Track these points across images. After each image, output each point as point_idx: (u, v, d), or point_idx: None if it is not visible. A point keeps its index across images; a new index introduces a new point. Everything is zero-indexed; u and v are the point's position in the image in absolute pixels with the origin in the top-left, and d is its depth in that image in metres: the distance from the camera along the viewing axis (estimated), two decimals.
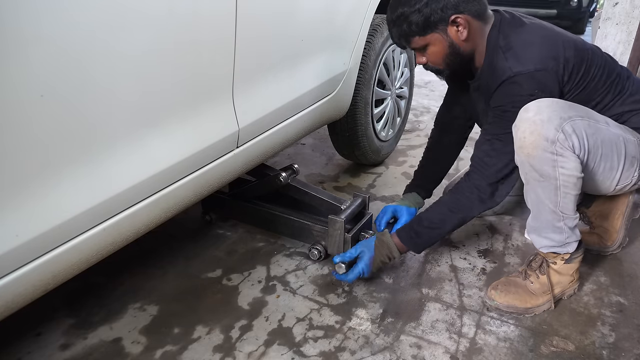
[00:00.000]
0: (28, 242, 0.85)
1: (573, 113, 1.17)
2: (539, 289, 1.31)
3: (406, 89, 2.31)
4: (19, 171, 0.83)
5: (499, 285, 1.34)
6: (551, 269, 1.32)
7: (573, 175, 1.17)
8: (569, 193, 1.19)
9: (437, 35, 1.25)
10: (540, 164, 1.17)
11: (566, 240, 1.27)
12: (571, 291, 1.37)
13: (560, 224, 1.24)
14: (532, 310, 1.30)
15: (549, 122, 1.14)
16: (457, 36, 1.25)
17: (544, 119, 1.14)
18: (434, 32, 1.24)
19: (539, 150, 1.15)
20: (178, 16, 1.03)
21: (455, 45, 1.26)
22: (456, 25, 1.23)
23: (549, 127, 1.13)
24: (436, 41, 1.26)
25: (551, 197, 1.20)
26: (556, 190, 1.19)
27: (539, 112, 1.15)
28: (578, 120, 1.17)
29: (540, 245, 1.30)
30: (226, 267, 1.51)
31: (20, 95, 0.79)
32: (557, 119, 1.14)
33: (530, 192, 1.25)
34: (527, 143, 1.16)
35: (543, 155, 1.15)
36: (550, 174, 1.17)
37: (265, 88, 1.38)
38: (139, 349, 1.19)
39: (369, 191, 2.03)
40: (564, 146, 1.14)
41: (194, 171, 1.19)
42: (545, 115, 1.14)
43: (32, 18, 0.77)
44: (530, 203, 1.27)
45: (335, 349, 1.20)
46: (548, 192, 1.20)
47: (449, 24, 1.23)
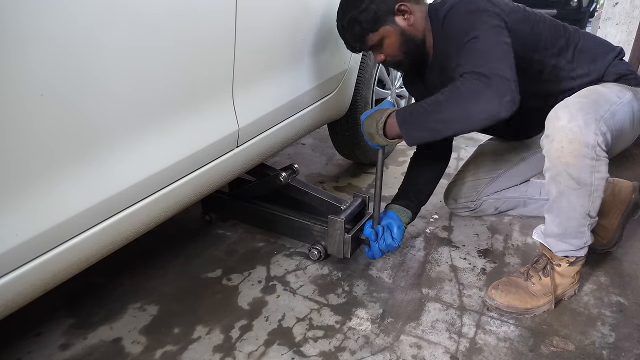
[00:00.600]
0: (28, 242, 0.85)
1: (602, 110, 1.15)
2: (540, 290, 1.31)
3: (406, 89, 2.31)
4: (18, 170, 0.83)
5: (499, 285, 1.34)
6: (555, 271, 1.31)
7: (604, 177, 1.16)
8: (599, 196, 1.19)
9: (388, 27, 1.31)
10: (579, 172, 1.14)
11: (584, 244, 1.27)
12: (571, 292, 1.37)
13: (584, 228, 1.24)
14: (532, 311, 1.30)
15: (587, 126, 1.11)
16: (406, 23, 1.32)
17: (581, 124, 1.11)
18: (384, 24, 1.31)
19: (579, 158, 1.12)
20: (178, 15, 1.03)
21: (406, 31, 1.33)
22: (402, 13, 1.31)
23: (587, 132, 1.11)
24: (388, 33, 1.32)
25: (585, 203, 1.19)
26: (590, 196, 1.18)
27: (573, 118, 1.12)
28: (607, 115, 1.16)
29: (558, 250, 1.29)
30: (226, 267, 1.51)
31: (20, 94, 0.79)
32: (593, 122, 1.11)
33: (562, 200, 1.21)
34: (566, 152, 1.13)
35: (583, 162, 1.13)
36: (587, 180, 1.15)
37: (265, 87, 1.38)
38: (139, 349, 1.19)
39: (369, 191, 2.03)
40: (602, 148, 1.13)
41: (193, 170, 1.19)
42: (581, 120, 1.11)
43: (32, 17, 0.77)
44: (558, 211, 1.24)
45: (335, 349, 1.20)
46: (582, 198, 1.19)
47: (395, 14, 1.31)
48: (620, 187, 1.52)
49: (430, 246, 1.62)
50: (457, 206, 1.79)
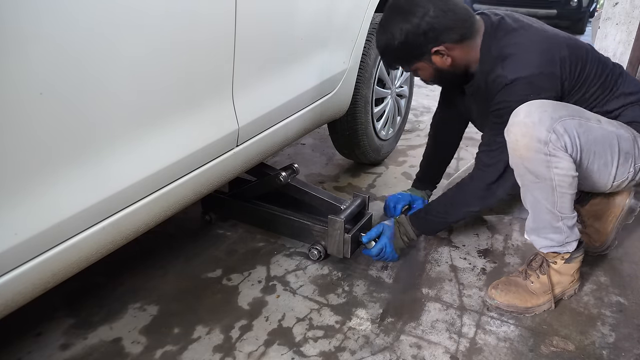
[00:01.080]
0: (27, 241, 0.85)
1: (563, 112, 1.18)
2: (540, 289, 1.31)
3: (406, 88, 2.31)
4: (18, 169, 0.83)
5: (499, 284, 1.34)
6: (551, 269, 1.31)
7: (568, 174, 1.17)
8: (565, 193, 1.20)
9: (422, 64, 1.31)
10: (534, 165, 1.18)
11: (566, 239, 1.27)
12: (572, 291, 1.37)
13: (559, 223, 1.25)
14: (532, 310, 1.30)
15: (540, 123, 1.15)
16: (442, 62, 1.29)
17: (535, 120, 1.15)
18: (418, 62, 1.31)
19: (532, 152, 1.16)
20: (177, 14, 1.03)
21: (441, 69, 1.31)
22: (439, 54, 1.27)
23: (540, 128, 1.14)
24: (423, 67, 1.33)
25: (548, 197, 1.21)
26: (553, 191, 1.20)
27: (529, 114, 1.16)
28: (568, 119, 1.17)
29: (541, 246, 1.30)
30: (226, 267, 1.51)
31: (19, 93, 0.79)
32: (548, 120, 1.15)
33: (527, 194, 1.25)
34: (520, 145, 1.17)
35: (536, 156, 1.16)
36: (545, 174, 1.18)
37: (265, 86, 1.38)
38: (139, 349, 1.19)
39: (369, 191, 2.03)
40: (556, 146, 1.15)
41: (193, 170, 1.19)
42: (535, 116, 1.15)
43: (32, 16, 0.77)
44: (528, 204, 1.28)
45: (335, 349, 1.20)
46: (545, 192, 1.21)
47: (432, 54, 1.27)
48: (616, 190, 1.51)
49: (430, 246, 1.62)
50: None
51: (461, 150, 2.43)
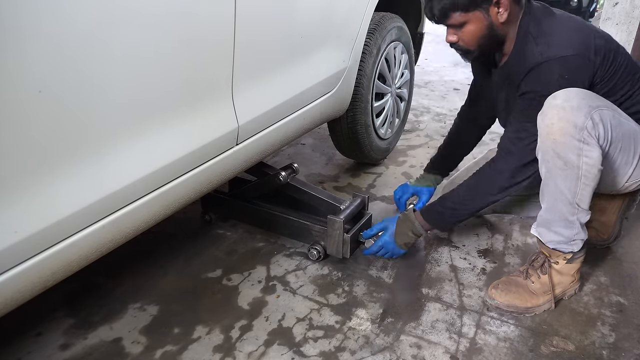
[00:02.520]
0: (27, 239, 0.85)
1: (600, 103, 1.18)
2: (540, 289, 1.31)
3: (406, 91, 2.31)
4: (17, 167, 0.83)
5: (499, 284, 1.34)
6: (553, 269, 1.31)
7: (595, 165, 1.17)
8: (588, 185, 1.19)
9: (479, 14, 1.24)
10: (565, 151, 1.16)
11: (574, 236, 1.26)
12: (572, 291, 1.37)
13: (573, 217, 1.24)
14: (532, 310, 1.30)
15: (578, 109, 1.14)
16: (497, 18, 1.25)
17: (574, 105, 1.15)
18: (476, 9, 1.24)
19: (566, 137, 1.15)
20: (177, 13, 1.04)
21: (494, 26, 1.26)
22: (498, 6, 1.24)
23: (578, 114, 1.14)
24: (476, 20, 1.25)
25: (571, 187, 1.20)
26: (577, 181, 1.19)
27: (568, 99, 1.16)
28: (605, 110, 1.18)
29: (548, 240, 1.30)
30: (226, 267, 1.51)
31: (19, 92, 0.79)
32: (586, 107, 1.15)
33: (550, 182, 1.23)
34: (555, 129, 1.16)
35: (570, 142, 1.15)
36: (575, 162, 1.17)
37: (265, 85, 1.38)
38: (139, 349, 1.19)
39: (369, 191, 2.03)
40: (591, 134, 1.14)
41: (193, 168, 1.19)
42: (575, 102, 1.15)
43: (31, 14, 0.77)
44: (547, 194, 1.26)
45: (335, 349, 1.20)
46: (569, 182, 1.19)
47: (492, 4, 1.23)
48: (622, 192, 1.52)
49: (430, 246, 1.62)
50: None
51: None
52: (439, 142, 2.54)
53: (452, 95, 3.42)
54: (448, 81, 3.79)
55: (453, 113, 3.02)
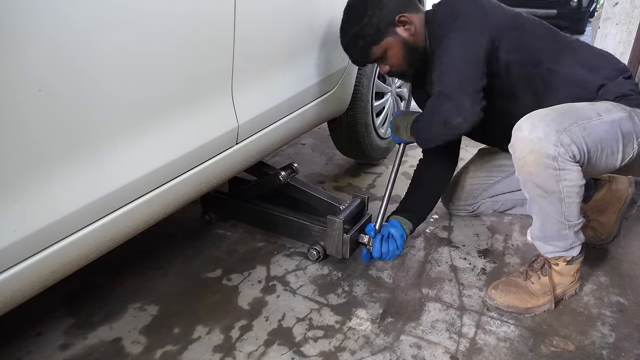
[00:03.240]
0: (26, 238, 0.85)
1: (567, 122, 1.15)
2: (540, 290, 1.31)
3: (406, 90, 2.31)
4: (17, 166, 0.83)
5: (499, 285, 1.34)
6: (553, 270, 1.31)
7: (576, 185, 1.17)
8: (573, 202, 1.19)
9: (390, 39, 1.36)
10: (543, 181, 1.17)
11: (571, 245, 1.27)
12: (572, 291, 1.37)
13: (565, 231, 1.25)
14: (532, 311, 1.30)
15: (546, 138, 1.12)
16: (407, 33, 1.36)
17: (540, 135, 1.13)
18: (385, 37, 1.35)
19: (541, 168, 1.15)
20: (177, 12, 1.04)
21: (408, 42, 1.37)
22: (402, 24, 1.35)
23: (547, 144, 1.12)
24: (391, 44, 1.37)
25: (557, 209, 1.20)
26: (561, 202, 1.19)
27: (534, 129, 1.14)
28: (573, 127, 1.15)
29: (546, 252, 1.31)
30: (226, 267, 1.51)
31: (18, 90, 0.79)
32: (554, 134, 1.12)
33: (534, 206, 1.25)
34: (529, 162, 1.16)
35: (546, 172, 1.15)
36: (554, 188, 1.17)
37: (265, 84, 1.38)
38: (139, 349, 1.19)
39: (369, 191, 2.03)
40: (565, 159, 1.13)
41: (193, 167, 1.19)
42: (540, 131, 1.13)
43: (31, 13, 0.77)
44: (535, 215, 1.27)
45: (335, 349, 1.20)
46: (553, 205, 1.20)
47: (396, 25, 1.35)
48: (617, 183, 1.53)
49: (430, 246, 1.62)
50: (453, 207, 1.81)
51: (461, 151, 2.42)
52: None
53: None
54: None
55: None
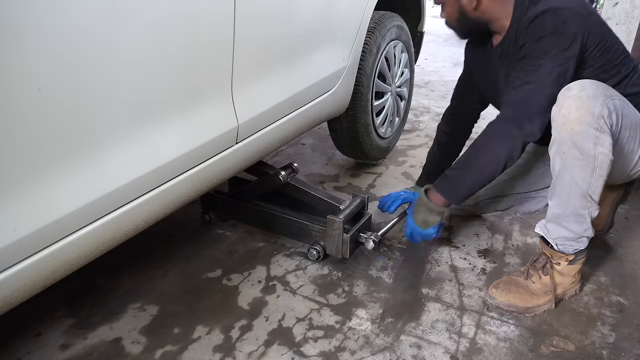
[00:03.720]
0: (26, 237, 0.85)
1: (612, 92, 1.21)
2: (541, 290, 1.31)
3: (406, 90, 2.31)
4: (17, 165, 0.83)
5: (500, 284, 1.34)
6: (554, 270, 1.31)
7: (608, 155, 1.18)
8: (602, 176, 1.20)
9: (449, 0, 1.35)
10: (583, 140, 1.17)
11: (583, 232, 1.27)
12: (573, 292, 1.37)
13: (585, 211, 1.24)
14: (532, 310, 1.30)
15: (595, 98, 1.16)
16: (469, 5, 1.32)
17: (590, 94, 1.17)
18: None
19: (584, 126, 1.16)
20: (177, 11, 1.04)
21: (465, 12, 1.34)
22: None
23: (595, 102, 1.16)
24: (449, 3, 1.35)
25: (586, 178, 1.20)
26: (592, 172, 1.19)
27: (583, 89, 1.18)
28: (617, 99, 1.20)
29: (556, 236, 1.29)
30: (226, 267, 1.51)
31: (18, 89, 0.79)
32: (602, 96, 1.17)
33: (565, 175, 1.22)
34: (573, 118, 1.17)
35: (588, 130, 1.16)
36: (591, 151, 1.17)
37: (265, 84, 1.38)
38: (139, 349, 1.19)
39: (369, 191, 2.03)
40: (606, 123, 1.16)
41: (193, 167, 1.19)
42: (590, 91, 1.17)
43: (31, 12, 0.77)
44: (560, 188, 1.25)
45: (335, 349, 1.20)
46: (585, 172, 1.20)
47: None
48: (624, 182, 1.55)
49: (430, 246, 1.62)
50: (455, 207, 1.80)
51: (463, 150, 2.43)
52: None
53: None
54: (448, 81, 3.79)
55: None
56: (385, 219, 1.76)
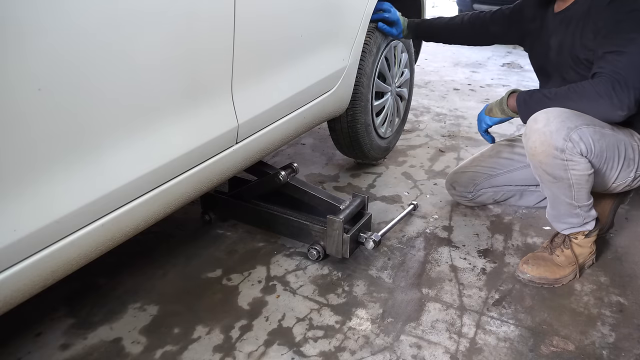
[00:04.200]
0: (26, 237, 0.85)
1: (579, 122, 1.24)
2: (565, 261, 1.41)
3: (406, 90, 2.31)
4: (17, 165, 0.83)
5: (529, 259, 1.44)
6: (573, 243, 1.42)
7: (584, 174, 1.27)
8: (582, 188, 1.30)
9: None
10: (552, 169, 1.28)
11: (584, 221, 1.39)
12: (590, 262, 1.47)
13: (576, 210, 1.36)
14: (560, 281, 1.41)
15: (557, 132, 1.22)
16: None
17: (552, 129, 1.23)
18: None
19: (550, 158, 1.25)
20: (177, 12, 1.04)
21: None
22: None
23: (557, 137, 1.22)
24: None
25: (566, 193, 1.31)
26: (570, 188, 1.29)
27: (548, 124, 1.24)
28: (584, 127, 1.24)
29: (561, 229, 1.42)
30: (226, 267, 1.51)
31: (18, 89, 0.79)
32: (565, 129, 1.22)
33: (546, 190, 1.37)
34: (539, 152, 1.26)
35: (554, 162, 1.26)
36: (563, 176, 1.27)
37: (265, 84, 1.38)
38: (139, 349, 1.19)
39: (369, 191, 2.03)
40: (572, 153, 1.23)
41: (193, 167, 1.19)
42: (553, 126, 1.23)
43: (32, 12, 0.77)
44: (548, 197, 1.38)
45: (335, 349, 1.20)
46: (563, 189, 1.30)
47: None
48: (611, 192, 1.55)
49: (430, 246, 1.62)
50: (455, 193, 1.85)
51: (461, 151, 2.43)
52: (439, 142, 2.55)
53: (452, 95, 3.42)
54: (448, 81, 3.79)
55: (453, 113, 3.03)
56: (386, 219, 1.76)
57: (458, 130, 2.74)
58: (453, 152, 2.42)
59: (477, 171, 1.77)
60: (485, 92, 3.52)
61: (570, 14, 1.41)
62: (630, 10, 1.25)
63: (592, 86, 1.24)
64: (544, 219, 1.76)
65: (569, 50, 1.41)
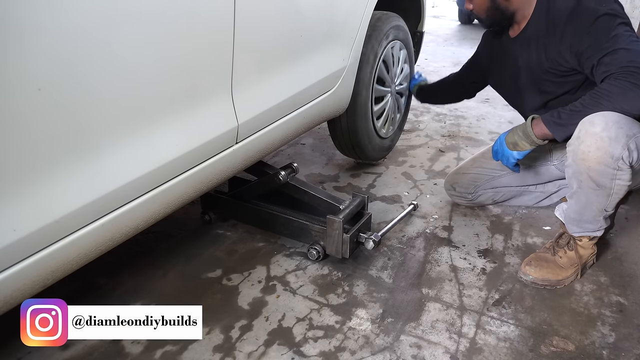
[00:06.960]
0: (26, 237, 0.85)
1: (636, 129, 1.21)
2: (567, 263, 1.41)
3: (406, 85, 2.31)
4: (17, 165, 0.83)
5: (531, 261, 1.43)
6: (577, 245, 1.42)
7: (625, 185, 1.25)
8: (618, 197, 1.29)
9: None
10: (600, 176, 1.24)
11: (599, 227, 1.38)
12: (591, 262, 1.47)
13: (600, 217, 1.35)
14: (562, 282, 1.40)
15: (617, 140, 1.18)
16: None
17: (612, 136, 1.18)
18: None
19: (602, 166, 1.22)
20: (177, 11, 1.03)
21: (497, 2, 1.44)
22: None
23: (616, 145, 1.19)
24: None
25: (602, 201, 1.29)
26: (608, 197, 1.28)
27: (607, 129, 1.19)
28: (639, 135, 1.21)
29: (573, 232, 1.41)
30: (226, 267, 1.51)
31: (19, 89, 0.79)
32: (624, 137, 1.18)
33: (581, 195, 1.31)
34: (592, 157, 1.22)
35: (605, 170, 1.22)
36: (607, 185, 1.25)
37: (265, 84, 1.38)
38: (139, 349, 1.19)
39: (369, 191, 2.03)
40: (625, 162, 1.21)
41: (193, 166, 1.19)
42: (612, 132, 1.18)
43: (32, 12, 0.77)
44: (577, 201, 1.34)
45: (335, 349, 1.20)
46: (600, 198, 1.28)
47: None
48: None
49: (430, 246, 1.62)
50: (454, 194, 1.85)
51: (461, 151, 2.43)
52: (439, 142, 2.55)
53: None
54: None
55: (453, 113, 3.03)
56: (386, 219, 1.76)
57: (458, 130, 2.74)
58: (453, 152, 2.42)
59: (479, 173, 1.77)
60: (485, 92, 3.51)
61: (528, 35, 1.46)
62: (594, 19, 1.27)
63: (612, 85, 1.21)
64: (544, 219, 1.77)
65: (538, 66, 1.45)
